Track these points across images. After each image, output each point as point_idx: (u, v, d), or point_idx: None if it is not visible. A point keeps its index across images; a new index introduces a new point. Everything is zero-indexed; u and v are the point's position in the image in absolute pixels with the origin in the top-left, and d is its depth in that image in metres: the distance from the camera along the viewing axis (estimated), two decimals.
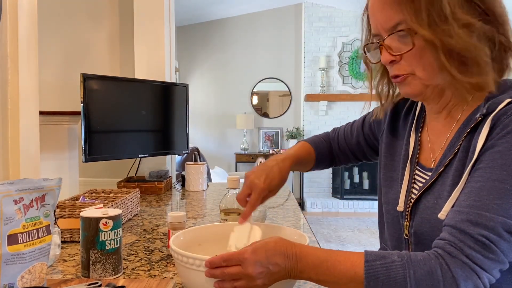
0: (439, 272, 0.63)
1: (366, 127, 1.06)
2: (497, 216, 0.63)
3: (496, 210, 0.63)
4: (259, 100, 6.45)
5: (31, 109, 1.56)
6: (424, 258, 0.65)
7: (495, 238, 0.63)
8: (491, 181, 0.65)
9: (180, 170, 3.35)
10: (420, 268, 0.64)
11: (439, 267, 0.63)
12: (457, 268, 0.62)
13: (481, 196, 0.65)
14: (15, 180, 0.77)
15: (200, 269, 0.75)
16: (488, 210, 0.64)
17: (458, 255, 0.63)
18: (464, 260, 0.63)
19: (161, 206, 1.84)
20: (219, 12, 6.06)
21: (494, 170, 0.66)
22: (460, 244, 0.64)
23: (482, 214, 0.64)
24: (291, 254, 0.70)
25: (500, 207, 0.63)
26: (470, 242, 0.63)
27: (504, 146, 0.66)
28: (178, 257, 0.79)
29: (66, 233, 1.25)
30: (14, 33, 1.47)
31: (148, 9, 2.46)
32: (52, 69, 2.73)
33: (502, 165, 0.65)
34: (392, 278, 0.64)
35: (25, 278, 0.78)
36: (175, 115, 2.32)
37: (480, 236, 0.63)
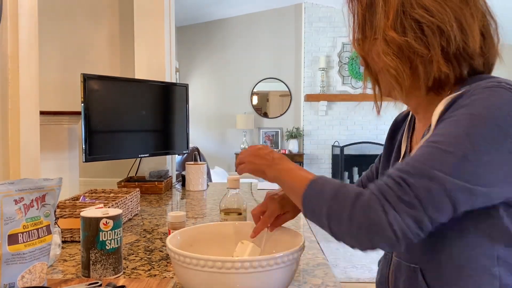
0: (357, 198, 0.68)
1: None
2: (421, 165, 0.65)
3: (421, 162, 0.66)
4: (259, 100, 6.45)
5: (32, 109, 1.56)
6: (356, 188, 0.70)
7: (411, 181, 0.64)
8: (427, 142, 0.68)
9: (180, 170, 3.35)
10: (347, 190, 0.70)
11: (359, 195, 0.68)
12: (371, 199, 0.66)
13: (415, 154, 0.68)
14: (15, 180, 0.77)
15: (197, 268, 0.75)
16: (416, 161, 0.66)
17: (374, 190, 0.67)
18: (377, 194, 0.66)
19: (161, 206, 1.84)
20: (219, 12, 6.06)
21: (434, 136, 0.68)
22: (381, 183, 0.67)
23: (409, 163, 0.67)
24: (273, 152, 0.88)
25: (426, 159, 0.66)
26: (388, 181, 0.67)
27: (448, 119, 0.69)
28: (175, 257, 0.79)
29: (66, 233, 1.25)
30: (15, 33, 1.47)
31: (148, 9, 2.46)
32: (52, 69, 2.73)
33: (441, 133, 0.68)
34: (325, 187, 0.73)
35: (26, 278, 0.78)
36: (175, 115, 2.32)
37: (398, 177, 0.66)
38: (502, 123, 0.64)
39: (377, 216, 0.64)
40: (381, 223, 0.64)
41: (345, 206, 0.68)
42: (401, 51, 0.75)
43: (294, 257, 0.80)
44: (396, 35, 0.74)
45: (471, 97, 0.68)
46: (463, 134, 0.65)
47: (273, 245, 0.96)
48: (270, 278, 0.78)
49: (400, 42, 0.74)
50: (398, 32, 0.75)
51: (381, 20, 0.76)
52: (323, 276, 1.01)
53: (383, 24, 0.76)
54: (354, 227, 0.67)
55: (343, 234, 0.69)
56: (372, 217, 0.65)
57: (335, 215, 0.69)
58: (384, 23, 0.76)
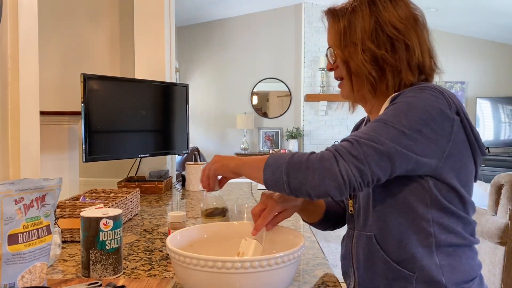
0: (312, 153, 0.84)
1: None
2: (370, 132, 0.83)
3: (370, 130, 0.83)
4: (259, 100, 6.45)
5: (32, 109, 1.56)
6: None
7: (362, 141, 0.81)
8: (374, 120, 0.86)
9: (180, 170, 3.35)
10: (302, 152, 0.85)
11: (313, 152, 0.84)
12: (325, 153, 0.82)
13: (365, 127, 0.86)
14: (15, 180, 0.77)
15: (198, 268, 0.75)
16: (366, 130, 0.84)
17: (329, 148, 0.84)
18: (331, 150, 0.82)
19: (161, 206, 1.84)
20: (219, 12, 6.05)
21: (379, 117, 0.86)
22: (335, 144, 0.84)
23: (361, 131, 0.84)
24: (233, 156, 0.97)
25: (374, 130, 0.83)
26: (343, 142, 0.84)
27: (392, 106, 0.87)
28: (175, 257, 0.79)
29: (66, 233, 1.25)
30: (14, 33, 1.47)
31: (148, 9, 2.46)
32: (52, 69, 2.73)
33: (385, 113, 0.86)
34: (282, 156, 0.85)
35: (26, 278, 0.78)
36: (175, 115, 2.32)
37: (351, 138, 0.83)
38: (428, 110, 0.84)
39: (329, 163, 0.80)
40: (332, 168, 0.79)
41: (302, 160, 0.82)
42: (377, 61, 0.93)
43: (294, 257, 0.80)
44: (374, 47, 0.93)
45: (407, 93, 0.88)
46: (401, 114, 0.84)
47: (273, 245, 0.96)
48: (271, 278, 0.78)
49: (377, 54, 0.93)
50: (375, 45, 0.93)
51: (361, 33, 0.94)
52: (323, 276, 1.01)
53: (362, 37, 0.94)
54: (310, 173, 0.80)
55: (300, 184, 0.82)
56: (325, 164, 0.80)
57: (293, 169, 0.82)
58: (363, 36, 0.94)
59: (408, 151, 0.82)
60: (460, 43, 6.35)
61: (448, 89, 0.90)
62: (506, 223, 2.67)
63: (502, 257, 2.70)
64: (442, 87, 0.90)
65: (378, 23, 0.94)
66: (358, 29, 0.95)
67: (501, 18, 5.38)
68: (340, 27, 0.98)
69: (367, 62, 0.94)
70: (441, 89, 0.88)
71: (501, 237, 2.67)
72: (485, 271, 2.89)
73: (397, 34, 0.93)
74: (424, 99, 0.85)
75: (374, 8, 0.96)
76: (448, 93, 0.88)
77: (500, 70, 6.42)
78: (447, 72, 6.88)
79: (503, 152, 6.20)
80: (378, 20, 0.95)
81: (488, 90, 6.42)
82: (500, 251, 2.72)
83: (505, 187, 2.72)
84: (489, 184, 2.90)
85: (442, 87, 0.90)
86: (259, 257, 0.75)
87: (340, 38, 0.98)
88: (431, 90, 0.87)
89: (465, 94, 6.42)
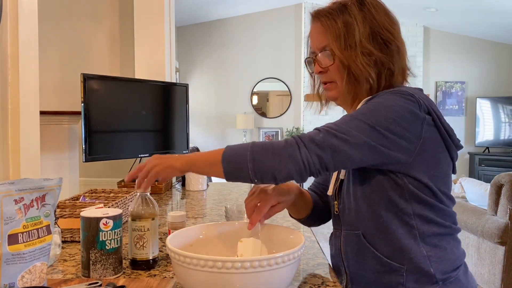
0: (276, 142, 0.87)
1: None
2: (341, 124, 0.88)
3: (342, 123, 0.88)
4: (259, 100, 6.45)
5: (32, 109, 1.56)
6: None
7: (330, 131, 0.87)
8: (346, 116, 0.91)
9: None
10: (262, 141, 0.88)
11: (275, 140, 0.89)
12: (289, 140, 0.87)
13: (337, 120, 0.90)
14: (15, 180, 0.77)
15: (198, 268, 0.75)
16: (338, 122, 0.89)
17: (295, 136, 0.88)
18: (296, 137, 0.87)
19: (161, 206, 1.84)
20: (219, 12, 6.06)
21: (351, 113, 0.91)
22: (307, 132, 0.89)
23: (333, 123, 0.89)
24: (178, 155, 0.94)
25: (345, 122, 0.88)
26: (313, 130, 0.89)
27: (364, 106, 0.92)
28: (175, 257, 0.79)
29: (66, 233, 1.25)
30: (15, 33, 1.47)
31: (148, 9, 2.46)
32: (52, 69, 2.73)
33: (357, 110, 0.91)
34: (241, 147, 0.88)
35: (26, 277, 0.78)
36: (175, 115, 2.32)
37: (321, 127, 0.89)
38: (397, 110, 0.89)
39: (292, 149, 0.85)
40: (294, 154, 0.84)
41: (268, 147, 0.86)
42: (375, 64, 0.97)
43: (294, 257, 0.80)
44: (374, 50, 0.96)
45: (380, 96, 0.93)
46: (371, 112, 0.89)
47: (273, 245, 0.96)
48: (270, 278, 0.78)
49: (376, 56, 0.96)
50: (374, 48, 0.96)
51: (359, 36, 0.96)
52: (323, 276, 1.01)
53: (360, 39, 0.96)
54: (277, 158, 0.85)
55: (266, 169, 0.86)
56: (289, 150, 0.85)
57: (259, 155, 0.86)
58: (362, 39, 0.96)
59: (377, 144, 0.87)
60: (460, 43, 6.35)
61: (419, 92, 0.96)
62: (506, 223, 2.67)
63: (502, 257, 2.70)
64: (414, 89, 0.96)
65: (373, 27, 0.97)
66: (356, 31, 0.97)
67: (501, 18, 5.38)
68: (339, 28, 0.98)
69: (367, 65, 0.96)
70: (412, 92, 0.93)
71: (501, 237, 2.67)
72: (485, 271, 2.89)
73: (391, 38, 0.98)
74: (394, 100, 0.91)
75: (367, 12, 0.98)
76: (420, 95, 0.94)
77: (500, 70, 6.42)
78: (447, 72, 6.86)
79: (503, 152, 6.20)
80: (373, 23, 0.98)
81: (488, 90, 6.42)
82: (500, 251, 2.72)
83: (505, 187, 2.72)
84: (489, 184, 2.90)
85: (415, 89, 0.96)
86: (259, 257, 0.75)
87: (340, 40, 0.98)
88: (402, 93, 0.92)
89: (465, 94, 6.42)
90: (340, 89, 1.01)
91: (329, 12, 1.01)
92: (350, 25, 0.98)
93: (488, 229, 2.77)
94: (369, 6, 0.99)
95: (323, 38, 1.01)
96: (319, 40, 1.02)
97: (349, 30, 0.98)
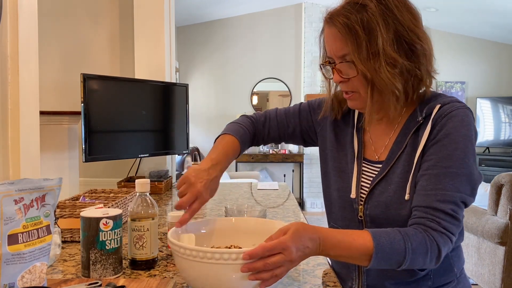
0: (427, 242, 0.85)
1: (304, 120, 1.18)
2: (454, 192, 0.87)
3: (453, 189, 0.87)
4: (259, 100, 6.45)
5: (31, 109, 1.56)
6: (416, 233, 0.85)
7: (457, 209, 0.87)
8: (443, 168, 0.88)
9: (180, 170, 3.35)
10: (414, 241, 0.84)
11: (427, 238, 0.85)
12: (439, 238, 0.85)
13: (439, 180, 0.88)
14: (15, 180, 0.77)
15: (204, 260, 0.77)
16: (448, 189, 0.87)
17: (437, 227, 0.86)
18: (442, 231, 0.86)
19: (161, 206, 1.84)
20: (219, 12, 6.05)
21: (443, 160, 0.89)
22: (438, 219, 0.86)
23: (445, 193, 0.87)
24: (315, 237, 0.81)
25: (454, 186, 0.87)
26: (443, 216, 0.86)
27: (446, 140, 0.89)
28: (176, 249, 0.80)
29: (66, 233, 1.25)
30: (14, 33, 1.47)
31: (148, 9, 2.46)
32: (52, 69, 2.73)
33: (448, 155, 0.89)
34: (394, 249, 0.83)
35: (25, 278, 0.78)
36: (175, 115, 2.32)
37: (450, 210, 0.86)
38: (475, 138, 0.91)
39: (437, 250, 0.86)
40: (438, 254, 0.86)
41: (422, 251, 0.85)
42: (401, 73, 0.90)
43: None
44: (399, 58, 0.88)
45: (451, 118, 0.90)
46: (462, 154, 0.88)
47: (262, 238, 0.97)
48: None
49: (402, 64, 0.89)
50: (399, 55, 0.88)
51: (382, 43, 0.87)
52: (323, 276, 1.01)
53: (383, 46, 0.87)
54: (427, 260, 0.86)
55: (415, 266, 0.87)
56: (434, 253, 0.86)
57: (414, 261, 0.85)
58: (385, 46, 0.87)
59: (475, 191, 0.91)
60: (460, 43, 6.35)
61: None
62: (506, 223, 2.67)
63: (502, 257, 2.70)
64: (468, 111, 0.93)
65: (397, 30, 0.88)
66: (379, 37, 0.87)
67: (501, 18, 5.37)
68: (359, 36, 0.88)
69: (393, 77, 0.89)
70: (472, 118, 0.92)
71: (501, 237, 2.67)
72: (485, 271, 2.88)
73: (416, 40, 0.90)
74: (470, 125, 0.91)
75: (389, 12, 0.88)
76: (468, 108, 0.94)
77: (500, 70, 6.42)
78: (447, 72, 6.84)
79: (503, 152, 6.20)
80: (396, 26, 0.88)
81: (488, 90, 6.42)
82: (500, 251, 2.72)
83: (505, 187, 2.72)
84: (489, 184, 2.89)
85: (467, 109, 0.93)
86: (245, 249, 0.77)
87: (362, 50, 0.88)
88: (467, 108, 0.92)
89: (465, 94, 6.42)
90: (364, 99, 0.94)
91: (346, 15, 0.89)
92: (371, 31, 0.88)
93: (488, 229, 2.77)
94: (389, 2, 0.89)
95: (342, 46, 0.91)
96: (338, 48, 0.92)
97: (371, 36, 0.88)
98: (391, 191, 0.95)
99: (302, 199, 6.18)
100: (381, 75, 0.88)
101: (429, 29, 0.98)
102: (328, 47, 0.95)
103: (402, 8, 0.90)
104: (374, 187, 0.98)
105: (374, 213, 0.98)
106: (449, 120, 0.90)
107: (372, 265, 0.83)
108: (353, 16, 0.88)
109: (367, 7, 0.88)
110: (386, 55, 0.87)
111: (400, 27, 0.88)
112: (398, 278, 0.97)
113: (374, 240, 0.82)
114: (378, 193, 0.97)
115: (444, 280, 0.98)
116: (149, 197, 1.03)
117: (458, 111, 0.91)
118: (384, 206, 0.96)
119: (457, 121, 0.90)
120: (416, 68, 0.91)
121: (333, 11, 0.92)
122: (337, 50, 0.92)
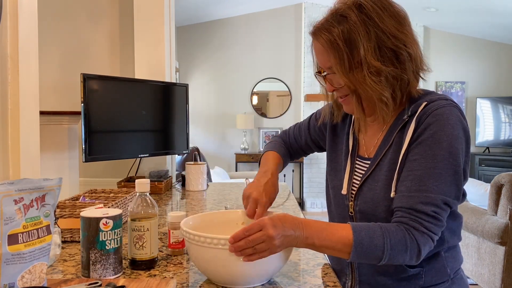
0: (407, 240, 0.87)
1: (312, 130, 1.28)
2: (438, 195, 0.88)
3: (436, 191, 0.88)
4: (259, 100, 6.44)
5: (31, 109, 1.56)
6: (396, 230, 0.88)
7: (440, 211, 0.88)
8: (427, 168, 0.89)
9: (180, 170, 3.35)
10: (394, 237, 0.87)
11: (408, 237, 0.87)
12: (419, 237, 0.87)
13: (423, 181, 0.89)
14: (15, 180, 0.77)
15: (211, 246, 0.86)
16: (431, 191, 0.88)
17: (419, 227, 0.88)
18: (424, 230, 0.88)
19: (161, 206, 1.84)
20: (219, 12, 6.05)
21: (427, 160, 0.89)
22: (420, 220, 0.88)
23: (428, 195, 0.88)
24: (298, 222, 0.87)
25: (438, 187, 0.88)
26: (425, 217, 0.88)
27: (430, 140, 0.89)
28: (190, 237, 0.89)
29: (66, 233, 1.25)
30: (14, 33, 1.47)
31: (148, 9, 2.46)
32: (52, 69, 2.73)
33: (432, 155, 0.89)
34: (374, 244, 0.86)
35: (25, 278, 0.78)
36: (175, 115, 2.32)
37: (431, 212, 0.88)
38: (465, 136, 0.91)
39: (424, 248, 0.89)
40: (419, 251, 0.88)
41: (402, 248, 0.87)
42: (386, 80, 0.91)
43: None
44: (381, 65, 0.89)
45: (435, 116, 0.90)
46: (446, 154, 0.89)
47: None
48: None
49: (385, 72, 0.90)
50: (381, 63, 0.90)
51: (364, 52, 0.89)
52: (323, 276, 1.01)
53: (365, 55, 0.89)
54: (407, 257, 0.88)
55: (395, 261, 0.89)
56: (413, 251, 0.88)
57: (393, 257, 0.87)
58: (367, 55, 0.89)
59: (460, 191, 0.93)
60: (460, 43, 6.35)
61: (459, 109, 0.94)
62: (506, 223, 2.67)
63: (502, 257, 2.70)
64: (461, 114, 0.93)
65: (379, 38, 0.89)
66: (360, 48, 0.89)
67: (501, 18, 5.37)
68: (340, 49, 0.90)
69: (377, 84, 0.90)
70: (463, 119, 0.93)
71: (501, 237, 2.67)
72: (485, 271, 2.88)
73: (399, 45, 0.90)
74: (457, 125, 0.90)
75: (369, 21, 0.90)
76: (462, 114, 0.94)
77: (500, 70, 6.42)
78: (447, 72, 6.86)
79: (503, 152, 6.20)
80: (378, 34, 0.89)
81: (488, 90, 6.42)
82: (500, 251, 2.72)
83: (505, 187, 2.72)
84: (489, 184, 2.90)
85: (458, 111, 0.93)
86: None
87: (344, 63, 0.91)
88: (455, 106, 0.92)
89: (465, 94, 6.42)
90: (355, 104, 0.98)
91: (328, 29, 0.92)
92: (353, 42, 0.89)
93: (488, 229, 2.77)
94: (370, 11, 0.89)
95: (327, 59, 0.95)
96: (324, 60, 0.96)
97: (353, 47, 0.90)
98: (378, 188, 0.98)
99: (302, 199, 6.18)
100: (366, 84, 0.91)
101: (429, 29, 0.98)
102: (317, 58, 1.01)
103: (384, 15, 0.90)
104: (363, 183, 1.01)
105: (364, 209, 1.01)
106: (433, 118, 0.91)
107: (352, 258, 0.87)
108: (335, 29, 0.91)
109: (348, 17, 0.90)
110: (369, 64, 0.89)
111: (383, 34, 0.89)
112: (389, 274, 0.98)
113: (354, 234, 0.86)
114: (367, 189, 1.00)
115: (436, 280, 0.99)
116: (149, 197, 1.03)
117: (443, 109, 0.91)
118: (372, 203, 0.98)
119: (442, 120, 0.90)
120: (403, 73, 0.92)
121: (317, 25, 0.96)
122: (323, 62, 0.97)
